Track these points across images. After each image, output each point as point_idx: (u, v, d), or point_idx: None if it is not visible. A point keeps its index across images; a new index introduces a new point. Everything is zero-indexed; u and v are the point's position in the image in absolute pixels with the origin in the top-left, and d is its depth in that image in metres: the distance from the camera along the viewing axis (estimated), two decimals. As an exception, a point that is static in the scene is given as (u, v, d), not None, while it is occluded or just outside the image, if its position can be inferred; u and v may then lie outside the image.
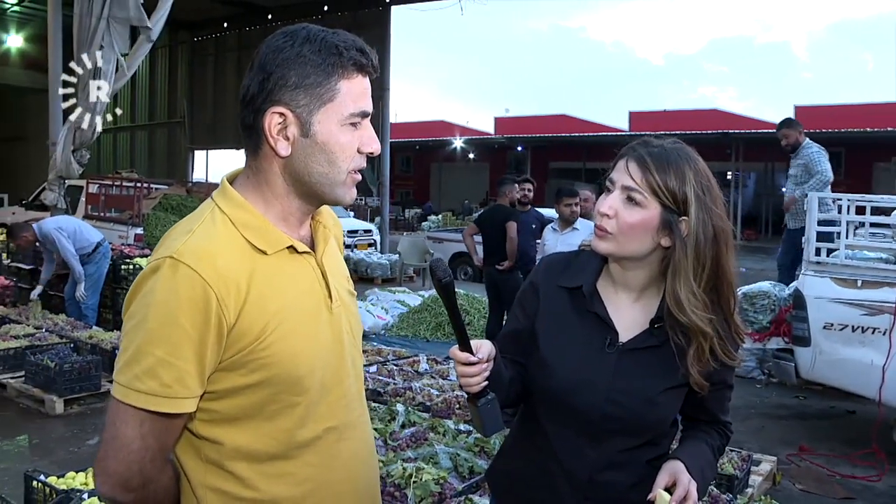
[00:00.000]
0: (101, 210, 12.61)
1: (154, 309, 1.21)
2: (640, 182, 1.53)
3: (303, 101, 1.27)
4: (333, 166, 1.31)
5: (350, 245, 14.99)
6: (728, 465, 4.07)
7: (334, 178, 1.32)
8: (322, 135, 1.29)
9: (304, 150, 1.29)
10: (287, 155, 1.29)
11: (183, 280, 1.20)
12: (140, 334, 1.22)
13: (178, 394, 1.22)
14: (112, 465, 1.25)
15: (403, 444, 4.15)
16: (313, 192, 1.34)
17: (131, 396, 1.21)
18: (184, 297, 1.20)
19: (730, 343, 1.57)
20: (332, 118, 1.29)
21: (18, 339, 6.50)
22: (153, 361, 1.20)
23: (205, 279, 1.20)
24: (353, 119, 1.31)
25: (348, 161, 1.32)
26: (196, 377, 1.22)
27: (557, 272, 1.69)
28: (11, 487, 3.97)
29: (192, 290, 1.20)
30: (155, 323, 1.20)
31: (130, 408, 1.22)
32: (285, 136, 1.28)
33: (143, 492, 1.28)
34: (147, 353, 1.21)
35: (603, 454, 1.58)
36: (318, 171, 1.30)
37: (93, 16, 8.66)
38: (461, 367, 1.46)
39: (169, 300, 1.20)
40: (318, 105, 1.28)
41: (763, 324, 6.21)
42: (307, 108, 1.27)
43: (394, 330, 9.29)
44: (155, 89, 23.63)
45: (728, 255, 1.56)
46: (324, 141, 1.29)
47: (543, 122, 35.56)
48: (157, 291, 1.21)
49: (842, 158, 29.04)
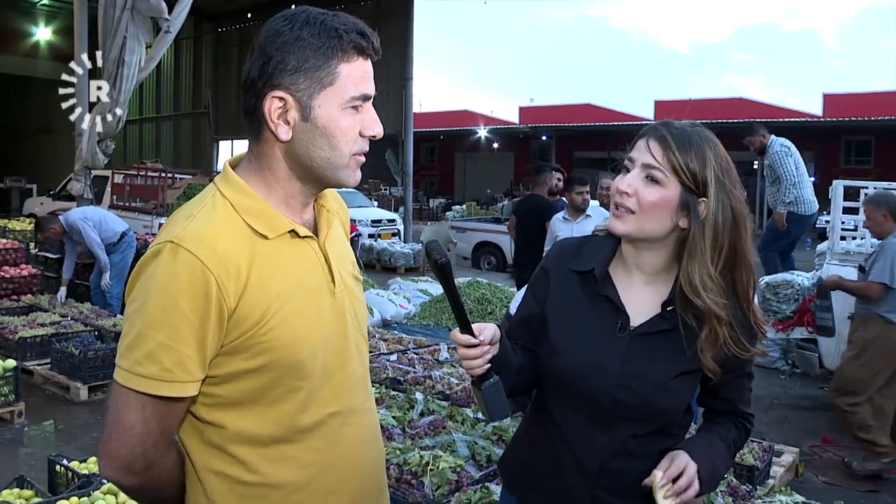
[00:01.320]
0: (126, 200, 12.74)
1: (154, 293, 1.21)
2: (661, 160, 1.51)
3: (303, 85, 1.26)
4: (335, 150, 1.30)
5: (374, 234, 15.04)
6: (749, 455, 4.03)
7: (336, 161, 1.31)
8: (323, 118, 1.28)
9: (305, 134, 1.28)
10: (288, 139, 1.29)
11: (183, 264, 1.20)
12: (141, 318, 1.22)
13: (178, 378, 1.22)
14: (115, 449, 1.25)
15: (421, 433, 4.15)
16: (316, 176, 1.33)
17: (133, 381, 1.22)
18: (184, 282, 1.20)
19: (746, 333, 1.54)
20: (333, 102, 1.27)
21: (45, 327, 6.58)
22: (154, 346, 1.21)
23: (205, 263, 1.20)
24: (354, 102, 1.29)
25: (350, 144, 1.31)
26: (197, 361, 1.23)
27: (569, 256, 1.67)
28: (37, 471, 4.03)
29: (191, 274, 1.20)
30: (155, 307, 1.21)
31: (132, 392, 1.22)
32: (286, 120, 1.28)
33: (147, 475, 1.28)
34: (148, 338, 1.21)
35: (614, 441, 1.56)
36: (319, 154, 1.30)
37: (116, 7, 8.73)
38: (462, 349, 1.44)
39: (169, 285, 1.20)
40: (318, 89, 1.27)
41: (786, 313, 6.15)
42: (307, 91, 1.26)
43: (416, 319, 9.34)
44: (180, 80, 23.79)
45: (746, 240, 1.54)
46: (324, 125, 1.28)
47: (568, 111, 35.36)
48: (158, 276, 1.22)
49: (871, 147, 28.64)
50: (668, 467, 1.49)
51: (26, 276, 8.27)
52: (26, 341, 6.21)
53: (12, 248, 8.50)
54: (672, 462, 1.50)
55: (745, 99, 32.93)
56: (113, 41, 8.88)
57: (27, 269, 8.38)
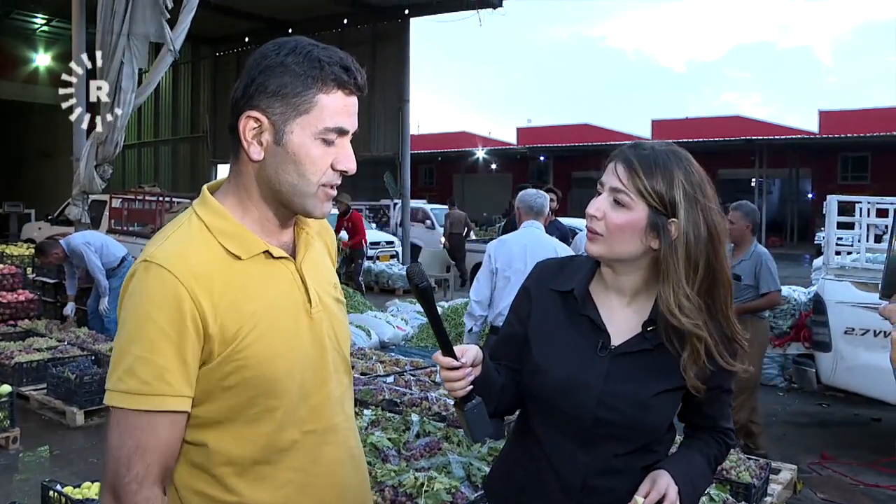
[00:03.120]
0: (124, 224, 12.73)
1: (131, 310, 1.24)
2: (626, 184, 1.52)
3: (279, 109, 1.28)
4: (303, 178, 1.31)
5: (372, 256, 15.03)
6: (745, 473, 4.01)
7: (304, 189, 1.32)
8: (293, 145, 1.29)
9: (275, 157, 1.30)
10: (259, 160, 1.31)
11: (154, 278, 1.23)
12: (122, 337, 1.24)
13: (157, 391, 1.22)
14: (107, 472, 1.26)
15: (417, 454, 4.14)
16: (283, 201, 1.34)
17: (115, 398, 1.23)
18: (155, 294, 1.22)
19: (728, 349, 1.55)
20: (306, 130, 1.29)
21: (41, 352, 6.58)
22: (131, 360, 1.22)
23: (176, 276, 1.22)
24: (328, 134, 1.30)
25: (319, 174, 1.32)
26: (179, 375, 1.23)
27: (550, 276, 1.69)
28: (31, 498, 4.02)
29: (162, 286, 1.22)
30: (131, 323, 1.23)
31: (116, 411, 1.24)
32: (259, 141, 1.30)
33: None
34: (126, 353, 1.23)
35: (596, 460, 1.56)
36: (287, 180, 1.31)
37: (113, 33, 8.79)
38: (445, 371, 1.45)
39: (142, 299, 1.23)
40: (293, 115, 1.29)
41: (783, 329, 6.14)
42: (282, 116, 1.29)
43: (413, 341, 9.33)
44: (178, 105, 23.89)
45: (722, 257, 1.54)
46: (294, 151, 1.29)
47: (566, 131, 35.50)
48: (133, 293, 1.24)
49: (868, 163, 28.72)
50: (650, 490, 1.50)
51: (23, 301, 8.28)
52: (22, 366, 6.21)
53: (10, 273, 8.52)
54: (653, 484, 1.51)
55: (742, 117, 33.05)
56: (110, 65, 8.93)
57: (24, 294, 8.39)
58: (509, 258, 4.61)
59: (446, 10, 16.21)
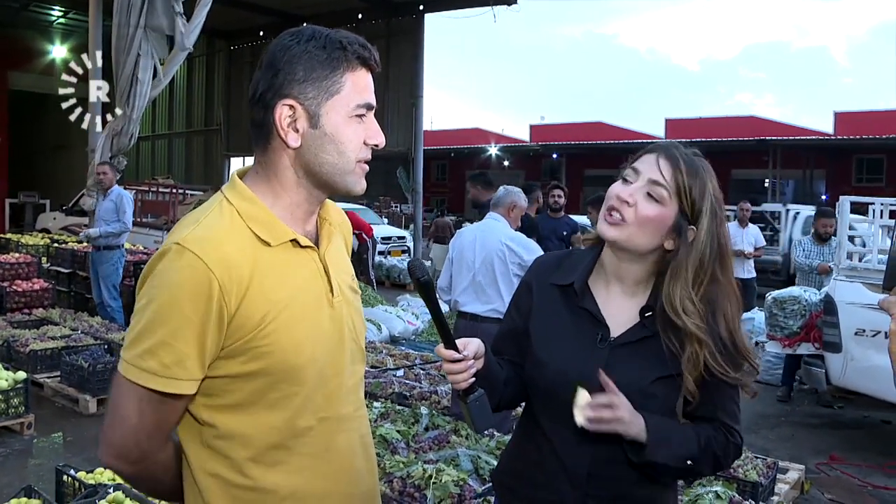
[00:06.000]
0: (137, 215, 12.83)
1: (159, 292, 1.26)
2: (668, 179, 1.55)
3: (311, 94, 1.32)
4: (342, 156, 1.35)
5: (384, 251, 15.07)
6: (752, 471, 4.02)
7: (344, 166, 1.36)
8: (330, 126, 1.34)
9: (313, 140, 1.34)
10: (297, 146, 1.34)
11: (187, 266, 1.25)
12: (146, 315, 1.27)
13: (175, 375, 1.26)
14: (111, 436, 1.31)
15: (425, 447, 4.18)
16: (324, 182, 1.38)
17: (132, 372, 1.27)
18: (187, 283, 1.24)
19: (730, 361, 1.55)
20: (339, 110, 1.34)
21: (55, 340, 6.65)
22: (155, 342, 1.25)
23: (208, 266, 1.25)
24: (359, 111, 1.36)
25: (356, 151, 1.37)
26: (196, 361, 1.26)
27: (549, 270, 1.72)
28: (45, 482, 4.07)
29: (194, 275, 1.25)
30: (159, 305, 1.25)
31: (131, 383, 1.27)
32: (295, 128, 1.34)
33: (142, 465, 1.34)
34: (150, 334, 1.26)
35: (601, 449, 1.58)
36: (327, 160, 1.35)
37: (130, 25, 8.86)
38: (447, 364, 1.49)
39: (172, 285, 1.25)
40: (325, 97, 1.33)
41: (793, 329, 6.11)
42: (315, 100, 1.33)
43: (424, 335, 9.40)
44: (192, 98, 24.00)
45: (730, 272, 1.59)
46: (332, 132, 1.34)
47: (579, 129, 35.39)
48: (163, 275, 1.27)
49: (883, 165, 28.51)
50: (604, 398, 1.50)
51: (38, 290, 8.37)
52: (37, 354, 6.28)
53: (25, 262, 8.62)
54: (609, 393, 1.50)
55: (756, 117, 32.84)
56: (126, 58, 9.00)
57: (39, 283, 8.48)
58: (462, 248, 4.98)
59: (461, 7, 16.23)
